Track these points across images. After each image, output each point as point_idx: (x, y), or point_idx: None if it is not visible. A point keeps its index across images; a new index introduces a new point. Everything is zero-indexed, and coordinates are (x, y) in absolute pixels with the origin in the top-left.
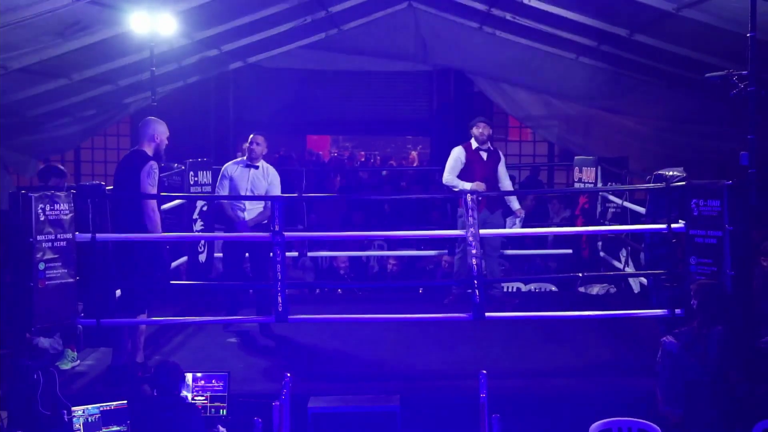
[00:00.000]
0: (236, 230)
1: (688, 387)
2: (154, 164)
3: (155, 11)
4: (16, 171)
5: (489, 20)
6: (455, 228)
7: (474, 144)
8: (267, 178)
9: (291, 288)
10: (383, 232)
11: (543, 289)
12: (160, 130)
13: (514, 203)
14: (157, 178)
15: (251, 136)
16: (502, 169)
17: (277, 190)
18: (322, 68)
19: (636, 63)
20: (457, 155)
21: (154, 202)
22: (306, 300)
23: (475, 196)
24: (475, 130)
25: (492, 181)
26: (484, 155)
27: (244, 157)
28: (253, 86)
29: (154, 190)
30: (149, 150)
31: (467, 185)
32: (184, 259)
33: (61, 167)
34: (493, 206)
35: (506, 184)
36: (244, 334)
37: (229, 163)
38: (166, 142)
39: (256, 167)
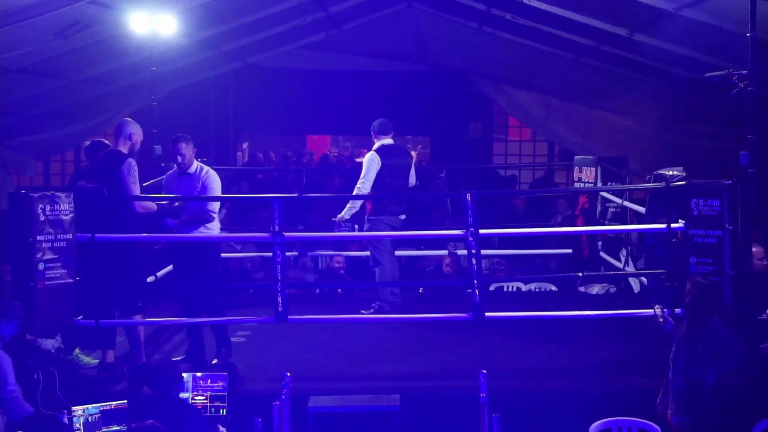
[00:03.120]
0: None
1: (688, 390)
2: (131, 161)
3: (155, 11)
4: (16, 171)
5: (489, 20)
6: (453, 228)
7: None
8: (199, 183)
9: (291, 288)
10: (382, 232)
11: (543, 289)
12: (136, 131)
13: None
14: (136, 174)
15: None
16: None
17: (210, 194)
18: (322, 68)
19: (636, 63)
20: None
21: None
22: (306, 300)
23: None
24: None
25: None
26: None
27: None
28: (253, 86)
29: (137, 186)
30: (124, 149)
31: None
32: None
33: (107, 142)
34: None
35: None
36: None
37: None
38: (139, 145)
39: (189, 174)
